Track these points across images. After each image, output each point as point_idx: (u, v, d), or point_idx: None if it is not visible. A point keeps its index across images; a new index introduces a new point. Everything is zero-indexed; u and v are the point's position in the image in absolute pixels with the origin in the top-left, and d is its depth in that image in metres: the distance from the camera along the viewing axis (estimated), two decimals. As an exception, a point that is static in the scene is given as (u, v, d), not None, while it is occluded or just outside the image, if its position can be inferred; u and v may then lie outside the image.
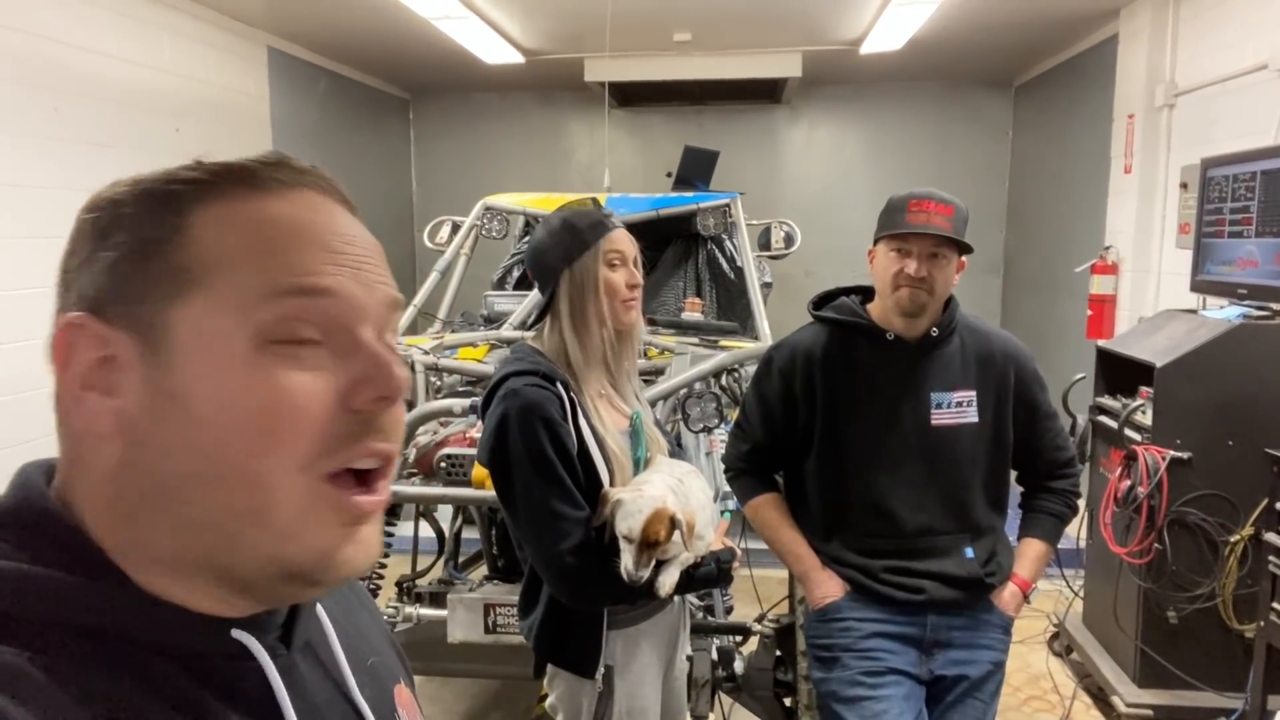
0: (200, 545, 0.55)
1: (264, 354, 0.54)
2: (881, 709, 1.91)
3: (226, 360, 0.54)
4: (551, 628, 1.73)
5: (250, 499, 0.54)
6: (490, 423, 1.66)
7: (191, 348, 0.54)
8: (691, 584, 1.72)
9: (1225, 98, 4.16)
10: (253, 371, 0.54)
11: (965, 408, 2.00)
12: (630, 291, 1.75)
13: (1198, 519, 3.11)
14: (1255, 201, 3.25)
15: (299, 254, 0.57)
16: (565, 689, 1.75)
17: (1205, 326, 3.21)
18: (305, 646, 0.65)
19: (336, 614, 0.72)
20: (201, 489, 0.54)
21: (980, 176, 7.53)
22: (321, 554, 0.56)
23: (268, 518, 0.54)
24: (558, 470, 1.61)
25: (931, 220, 1.90)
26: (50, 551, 0.53)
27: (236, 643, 0.58)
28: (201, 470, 0.54)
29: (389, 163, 7.88)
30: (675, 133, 7.71)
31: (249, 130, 5.44)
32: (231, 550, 0.55)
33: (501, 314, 3.74)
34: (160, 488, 0.54)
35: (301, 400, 0.55)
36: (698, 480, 1.76)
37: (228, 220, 0.56)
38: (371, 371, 0.57)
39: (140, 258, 0.55)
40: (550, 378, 1.66)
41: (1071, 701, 3.51)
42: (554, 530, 1.61)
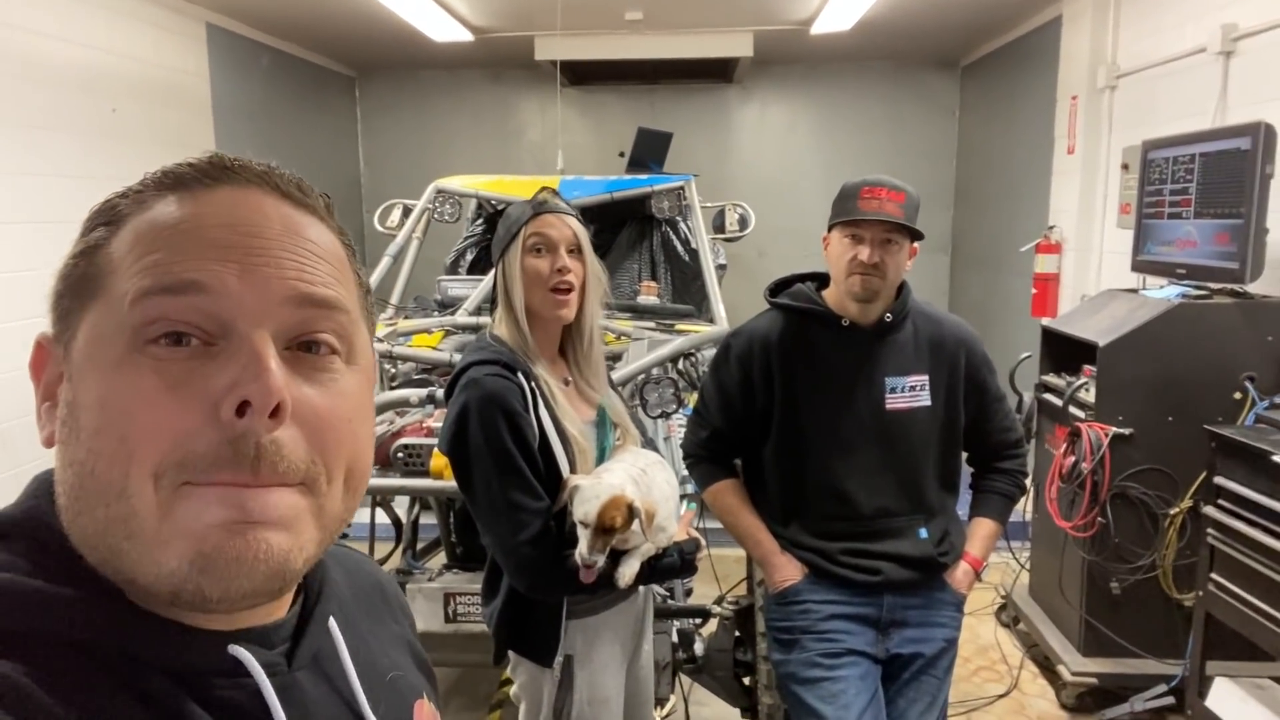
0: (102, 559, 0.53)
1: (135, 357, 0.52)
2: (839, 689, 1.95)
3: (104, 365, 0.53)
4: (511, 615, 1.74)
5: (112, 507, 0.51)
6: (451, 412, 1.66)
7: (84, 354, 0.54)
8: (654, 575, 1.74)
9: (1166, 80, 4.25)
10: (119, 375, 0.52)
11: (918, 392, 2.04)
12: (557, 276, 1.69)
13: (1139, 493, 3.22)
14: (1194, 183, 3.34)
15: (176, 251, 0.54)
16: (527, 677, 1.77)
17: (1146, 306, 3.30)
18: (313, 662, 0.63)
19: (358, 627, 0.70)
20: (84, 500, 0.52)
21: (928, 156, 7.63)
22: (197, 555, 0.51)
23: (133, 527, 0.51)
24: (517, 461, 1.61)
25: (884, 207, 1.92)
26: (51, 565, 0.53)
27: (233, 658, 0.56)
28: (80, 481, 0.52)
29: (335, 142, 7.72)
30: (628, 112, 7.67)
31: (189, 110, 5.28)
32: (122, 562, 0.52)
33: (455, 299, 3.71)
34: (69, 499, 0.54)
35: (158, 407, 0.51)
36: (663, 471, 1.77)
37: (135, 228, 0.56)
38: (238, 376, 0.52)
39: (73, 269, 0.56)
40: (512, 367, 1.65)
41: (1019, 671, 3.62)
42: (513, 521, 1.62)
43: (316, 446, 0.55)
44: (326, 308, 0.57)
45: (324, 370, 0.57)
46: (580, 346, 1.80)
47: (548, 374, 1.72)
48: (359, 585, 0.76)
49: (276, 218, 0.58)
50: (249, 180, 0.58)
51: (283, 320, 0.55)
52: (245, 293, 0.54)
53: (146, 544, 0.51)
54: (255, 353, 0.53)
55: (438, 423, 2.53)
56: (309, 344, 0.57)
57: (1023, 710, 3.38)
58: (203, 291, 0.53)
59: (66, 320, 0.56)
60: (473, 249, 4.60)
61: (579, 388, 1.80)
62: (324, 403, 0.56)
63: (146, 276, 0.53)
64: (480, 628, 2.57)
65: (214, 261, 0.54)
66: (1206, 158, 3.28)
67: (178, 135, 5.09)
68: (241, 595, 0.53)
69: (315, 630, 0.63)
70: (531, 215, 1.71)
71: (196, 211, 0.56)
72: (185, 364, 0.52)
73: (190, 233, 0.55)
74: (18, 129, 3.90)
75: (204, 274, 0.53)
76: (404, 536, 2.96)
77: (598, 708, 1.76)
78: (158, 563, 0.51)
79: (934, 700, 2.03)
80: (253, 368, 0.52)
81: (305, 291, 0.56)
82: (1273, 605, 2.51)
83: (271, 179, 0.59)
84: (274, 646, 0.60)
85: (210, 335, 0.53)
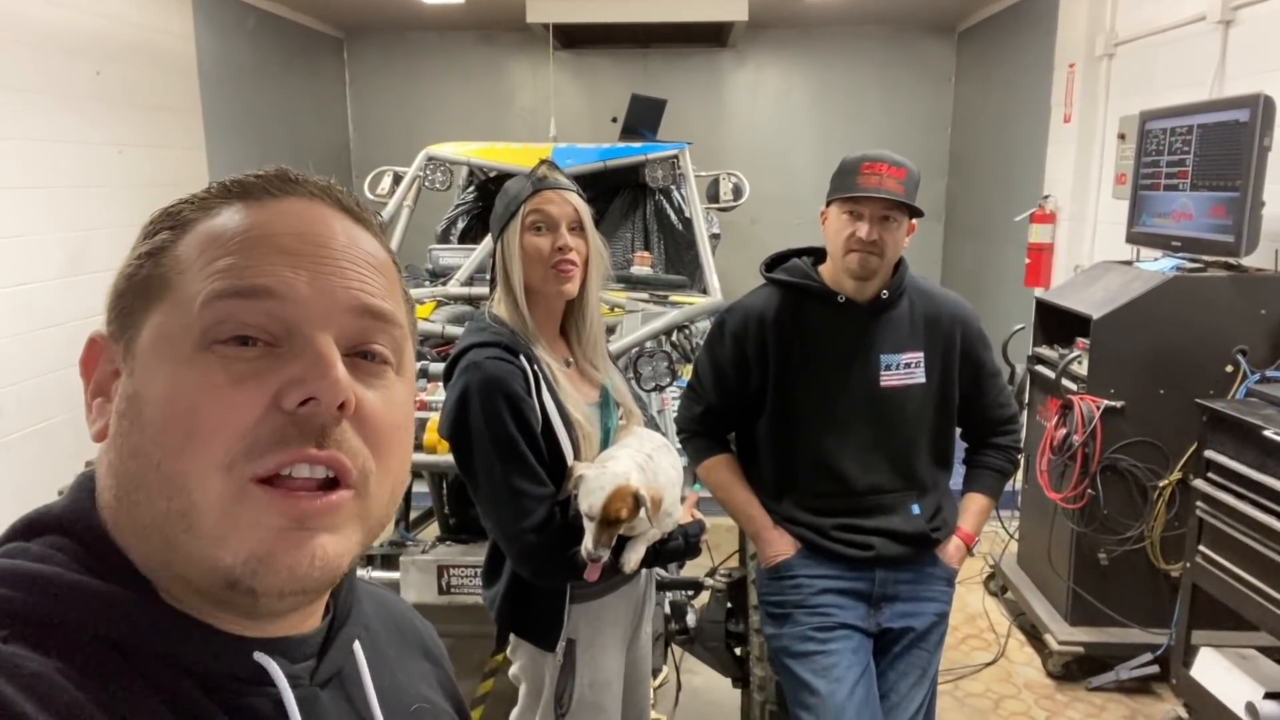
0: (154, 551, 0.55)
1: (203, 355, 0.54)
2: (831, 662, 1.96)
3: (171, 362, 0.55)
4: (514, 600, 1.73)
5: (174, 501, 0.53)
6: (451, 396, 1.63)
7: (149, 351, 0.56)
8: (659, 559, 1.73)
9: (1164, 48, 4.21)
10: (188, 371, 0.54)
11: (913, 369, 2.03)
12: (559, 255, 1.66)
13: (1129, 465, 3.24)
14: (1191, 155, 3.32)
15: (248, 256, 0.56)
16: (528, 659, 1.76)
17: (1140, 279, 3.29)
18: (335, 681, 0.64)
19: (383, 654, 0.71)
20: (143, 492, 0.54)
21: (923, 123, 7.57)
22: (252, 558, 0.53)
23: (193, 520, 0.53)
24: (519, 447, 1.59)
25: (884, 183, 1.90)
26: (90, 560, 0.55)
27: (258, 666, 0.57)
28: (141, 472, 0.54)
29: (323, 106, 7.60)
30: (620, 76, 7.57)
31: (174, 73, 5.18)
32: (175, 555, 0.54)
33: (447, 268, 3.67)
34: (124, 491, 0.55)
35: (226, 401, 0.53)
36: (669, 455, 1.74)
37: (204, 233, 0.58)
38: (307, 373, 0.54)
39: (138, 270, 0.58)
40: (513, 349, 1.62)
41: (1006, 639, 3.67)
42: (516, 508, 1.60)
43: (371, 444, 0.58)
44: (384, 320, 0.60)
45: (379, 378, 0.60)
46: (582, 325, 1.77)
47: (548, 355, 1.69)
48: (391, 619, 0.77)
49: (340, 230, 0.60)
50: (313, 194, 0.61)
51: (344, 328, 0.58)
52: (313, 299, 0.56)
53: (204, 539, 0.53)
54: (320, 353, 0.55)
55: (430, 396, 2.52)
56: (364, 353, 0.59)
57: (1009, 678, 3.43)
58: (273, 297, 0.55)
59: (128, 318, 0.57)
60: (464, 217, 4.56)
61: (581, 368, 1.78)
62: (382, 407, 0.59)
63: (219, 280, 0.55)
64: (473, 599, 2.59)
65: (284, 268, 0.56)
66: (1204, 129, 3.26)
67: (163, 98, 5.01)
68: (294, 592, 0.55)
69: (339, 649, 0.64)
70: (531, 192, 1.66)
71: (266, 219, 0.58)
72: (252, 363, 0.54)
73: (261, 239, 0.57)
74: (2, 92, 3.82)
75: (275, 280, 0.56)
76: (397, 508, 2.95)
77: (599, 690, 1.76)
78: (213, 558, 0.53)
79: (924, 673, 2.05)
80: (319, 366, 0.55)
81: (367, 303, 0.59)
82: (1258, 577, 2.54)
83: (333, 193, 0.62)
84: (298, 660, 0.60)
85: (275, 338, 0.55)
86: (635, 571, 1.68)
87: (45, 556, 0.54)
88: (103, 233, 4.46)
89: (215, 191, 0.60)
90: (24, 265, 3.97)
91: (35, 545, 0.55)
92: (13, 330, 3.91)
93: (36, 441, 4.06)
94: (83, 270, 4.30)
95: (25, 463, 3.97)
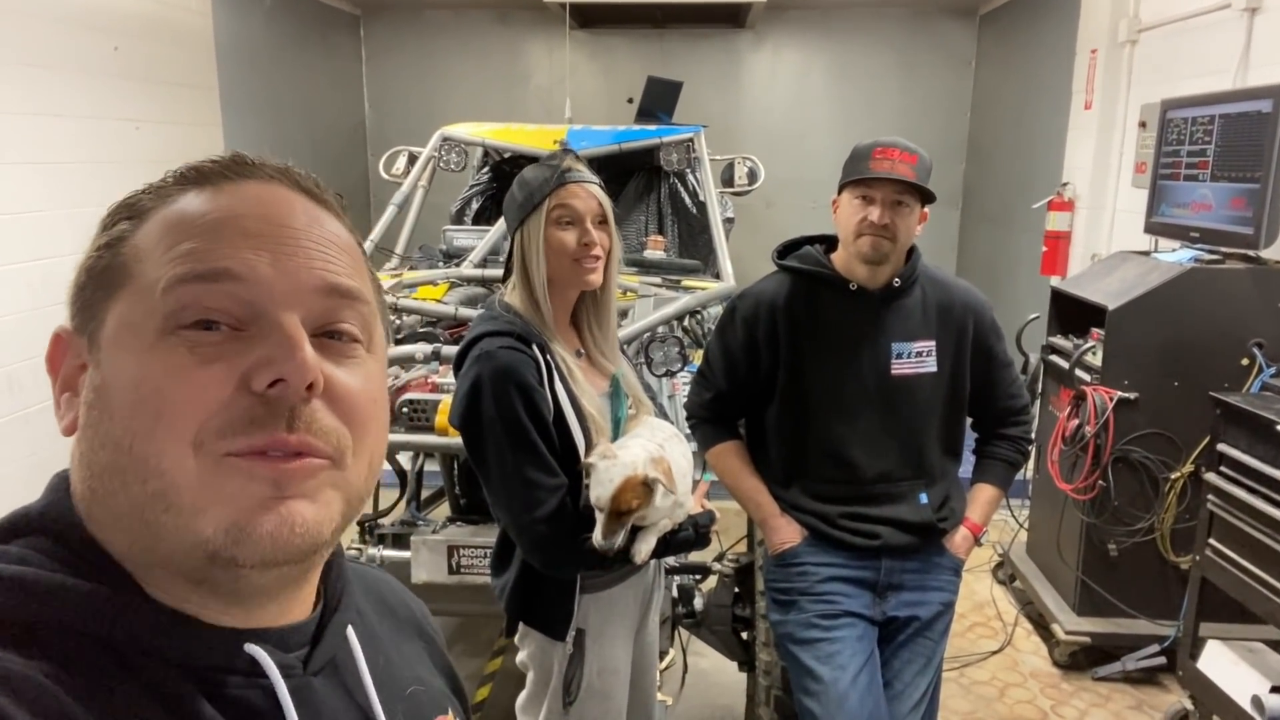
0: (135, 538, 0.54)
1: (168, 340, 0.54)
2: (835, 649, 1.97)
3: (135, 349, 0.54)
4: (524, 589, 1.73)
5: (150, 483, 0.53)
6: (463, 385, 1.62)
7: (113, 341, 0.56)
8: (669, 549, 1.73)
9: (1188, 35, 4.15)
10: (153, 356, 0.54)
11: (924, 358, 2.03)
12: (583, 250, 1.66)
13: (1141, 457, 3.23)
14: (1212, 145, 3.28)
15: (209, 240, 0.56)
16: (536, 648, 1.77)
17: (1158, 270, 3.27)
18: (330, 668, 0.64)
19: (376, 638, 0.71)
20: (118, 479, 0.54)
21: (942, 107, 7.50)
22: (233, 525, 0.53)
23: (170, 499, 0.53)
24: (531, 437, 1.59)
25: (895, 168, 1.89)
26: (70, 558, 0.54)
27: (249, 657, 0.57)
28: (115, 460, 0.54)
29: (340, 83, 7.59)
30: (637, 57, 7.53)
31: (192, 49, 5.19)
32: (156, 539, 0.53)
33: (461, 249, 3.68)
34: (98, 481, 0.55)
35: (193, 381, 0.53)
36: (680, 445, 1.74)
37: (163, 219, 0.57)
38: (274, 353, 0.54)
39: (97, 261, 0.58)
40: (526, 339, 1.62)
41: (1013, 628, 3.67)
42: (527, 498, 1.60)
43: (346, 421, 0.58)
44: (350, 298, 0.59)
45: (349, 356, 0.60)
46: (596, 317, 1.76)
47: (560, 345, 1.69)
48: (382, 601, 0.77)
49: (301, 210, 0.60)
50: (270, 176, 0.60)
51: (311, 308, 0.57)
52: (277, 280, 0.56)
53: (184, 514, 0.53)
54: (288, 334, 0.55)
55: (443, 378, 2.53)
56: (332, 333, 0.59)
57: (1016, 667, 3.43)
58: (236, 279, 0.55)
59: (90, 310, 0.57)
60: (478, 198, 4.55)
61: (592, 358, 1.77)
62: (354, 383, 0.59)
63: (180, 264, 0.55)
64: (483, 579, 2.60)
65: (246, 250, 0.56)
66: (1226, 119, 3.22)
67: (180, 75, 5.02)
68: (275, 565, 0.55)
69: (332, 636, 0.64)
70: (556, 185, 1.65)
71: (225, 203, 0.58)
72: (218, 346, 0.54)
73: (222, 222, 0.56)
74: (19, 67, 3.84)
75: (236, 262, 0.55)
76: (408, 488, 2.98)
77: (607, 678, 1.76)
78: (194, 531, 0.53)
79: (929, 662, 2.06)
80: (286, 346, 0.54)
81: (332, 281, 0.58)
82: (1268, 571, 2.53)
83: (291, 175, 0.61)
84: (291, 649, 0.60)
85: (240, 322, 0.55)
86: (645, 562, 1.69)
87: (24, 559, 0.53)
88: (120, 209, 4.48)
89: (172, 179, 0.60)
90: (41, 240, 4.00)
91: (14, 548, 0.54)
92: (30, 305, 3.95)
93: (53, 415, 4.09)
94: (100, 246, 4.32)
95: (42, 435, 4.02)
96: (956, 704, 3.16)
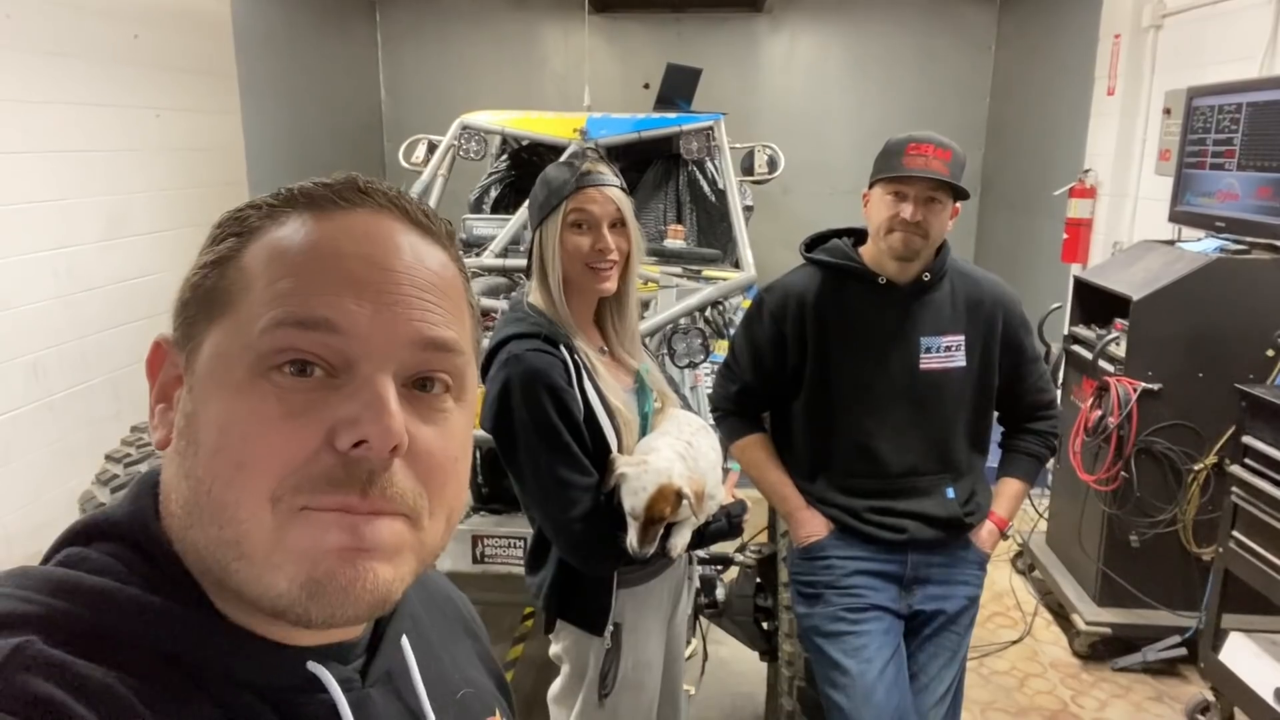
0: (209, 570, 0.55)
1: (259, 382, 0.54)
2: (862, 643, 1.98)
3: (227, 385, 0.54)
4: (562, 587, 1.75)
5: (225, 529, 0.53)
6: (492, 389, 1.63)
7: (208, 369, 0.56)
8: (703, 541, 1.74)
9: (1214, 21, 4.10)
10: (242, 398, 0.54)
11: (953, 352, 2.02)
12: (598, 255, 1.66)
13: (1164, 448, 3.21)
14: (1239, 134, 3.25)
15: (312, 281, 0.55)
16: (571, 641, 1.79)
17: (1183, 260, 3.24)
18: (385, 679, 0.65)
19: (429, 642, 0.72)
20: (195, 515, 0.54)
21: (961, 92, 7.43)
22: (310, 581, 0.53)
23: (245, 548, 0.53)
24: (564, 437, 1.60)
25: (929, 165, 1.88)
26: (148, 570, 0.55)
27: (311, 675, 0.58)
28: (194, 497, 0.54)
29: (356, 69, 7.59)
30: (653, 41, 7.49)
31: (210, 36, 5.19)
32: (230, 579, 0.54)
33: (481, 238, 3.68)
34: (179, 509, 0.55)
35: (278, 433, 0.53)
36: (708, 438, 1.74)
37: (269, 246, 0.57)
38: (362, 414, 0.53)
39: (203, 280, 0.58)
40: (553, 340, 1.63)
41: (1033, 618, 3.68)
42: (562, 499, 1.61)
43: (425, 482, 0.57)
44: (446, 350, 0.59)
45: (437, 410, 0.59)
46: (618, 315, 1.77)
47: (585, 344, 1.70)
48: (432, 601, 0.77)
49: (407, 247, 0.59)
50: (380, 205, 0.59)
51: (404, 361, 0.57)
52: (374, 334, 0.55)
53: (257, 566, 0.53)
54: (377, 394, 0.54)
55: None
56: (424, 381, 0.58)
57: (1035, 657, 3.44)
58: (333, 330, 0.54)
59: (191, 329, 0.57)
60: (497, 186, 4.55)
61: (616, 355, 1.78)
62: (436, 442, 0.58)
63: (279, 306, 0.54)
64: (506, 569, 2.63)
65: (348, 298, 0.55)
66: (1254, 108, 3.18)
67: (199, 62, 5.02)
68: (344, 620, 0.55)
69: (388, 648, 0.65)
70: (575, 189, 1.65)
71: (331, 236, 0.57)
72: (307, 395, 0.54)
73: (325, 260, 0.56)
74: (38, 55, 3.85)
75: (336, 311, 0.54)
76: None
77: (641, 671, 1.78)
78: (267, 584, 0.53)
79: (954, 655, 2.07)
80: (375, 407, 0.54)
81: (429, 335, 0.57)
82: (1293, 565, 2.52)
83: (401, 203, 0.61)
84: (349, 662, 0.62)
85: (333, 368, 0.55)
86: (681, 555, 1.70)
87: (104, 567, 0.54)
88: (141, 196, 4.51)
89: (283, 198, 0.59)
90: (64, 228, 4.02)
91: (95, 553, 0.55)
92: (54, 292, 3.98)
93: (78, 402, 4.14)
94: (121, 234, 4.35)
95: (66, 422, 4.06)
96: (976, 694, 3.17)
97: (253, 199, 0.60)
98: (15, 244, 3.76)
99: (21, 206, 3.80)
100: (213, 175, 5.08)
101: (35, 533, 3.85)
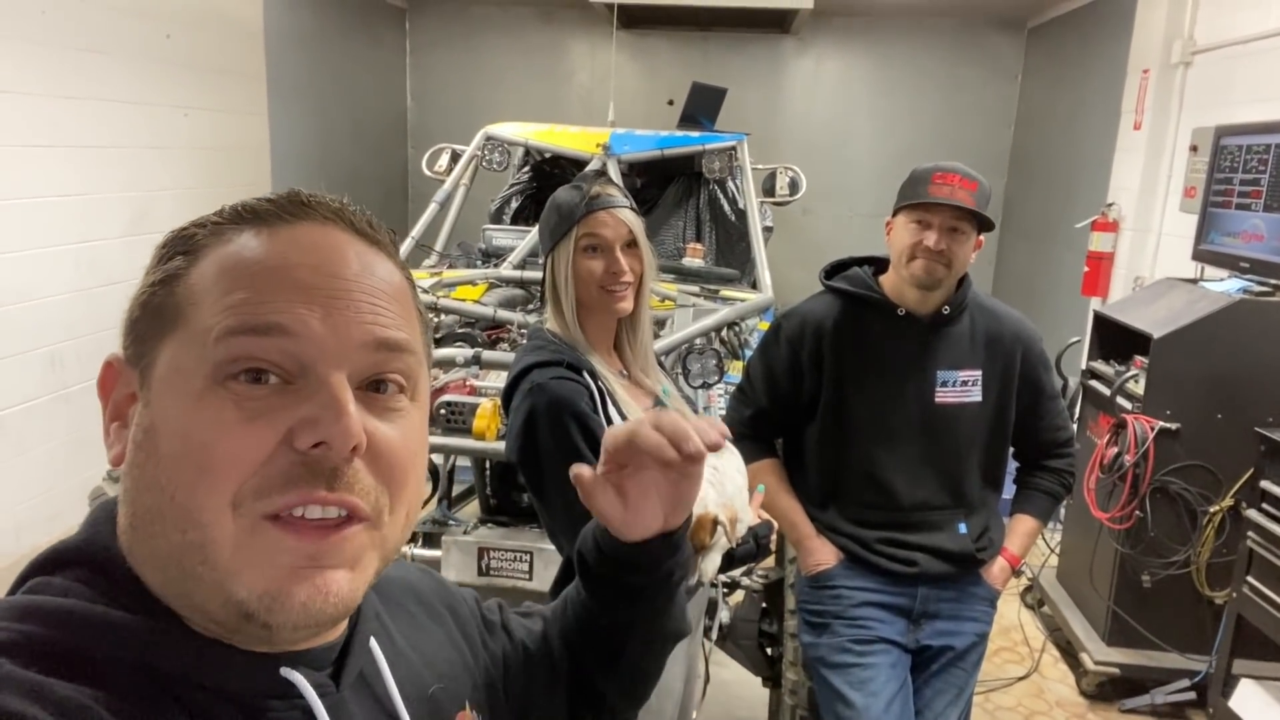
0: (171, 581, 0.56)
1: (216, 390, 0.54)
2: (868, 676, 1.96)
3: (184, 396, 0.55)
4: None
5: (190, 533, 0.53)
6: (517, 420, 1.60)
7: (164, 383, 0.56)
8: (733, 563, 1.71)
9: (1244, 59, 4.08)
10: (200, 407, 0.54)
11: (970, 387, 2.00)
12: (611, 278, 1.64)
13: (1180, 488, 3.17)
14: (1267, 175, 3.23)
15: (262, 291, 0.56)
16: None
17: (1206, 299, 3.21)
18: (358, 681, 0.65)
19: (396, 642, 0.72)
20: (159, 524, 0.55)
21: (986, 119, 7.42)
22: (265, 594, 0.54)
23: (209, 553, 0.53)
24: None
25: (955, 194, 1.87)
26: (111, 590, 0.56)
27: (285, 681, 0.58)
28: (157, 504, 0.55)
29: (383, 75, 7.65)
30: (679, 59, 7.52)
31: (241, 38, 5.24)
32: (193, 586, 0.54)
33: (500, 249, 3.69)
34: (140, 522, 0.56)
35: (237, 437, 0.53)
36: (734, 458, 1.72)
37: (218, 261, 0.58)
38: (320, 415, 0.54)
39: (151, 297, 0.58)
40: (576, 367, 1.61)
41: (1040, 654, 3.63)
42: None
43: (384, 479, 0.58)
44: (397, 350, 0.60)
45: (393, 409, 0.60)
46: (634, 338, 1.76)
47: (605, 369, 1.69)
48: (390, 596, 0.77)
49: (353, 255, 0.60)
50: (326, 217, 0.61)
51: (358, 363, 0.58)
52: (326, 336, 0.56)
53: (219, 572, 0.54)
54: (334, 395, 0.55)
55: (482, 382, 2.54)
56: (378, 383, 0.60)
57: (1041, 694, 3.40)
58: (286, 334, 0.55)
59: (143, 345, 0.58)
60: (518, 197, 4.56)
61: (635, 378, 1.77)
62: (395, 441, 0.59)
63: (232, 315, 0.55)
64: (512, 582, 2.61)
65: (299, 304, 0.56)
66: (1283, 149, 3.16)
67: (229, 63, 5.07)
68: (305, 629, 0.56)
69: (359, 651, 0.66)
70: (585, 213, 1.64)
71: (279, 249, 0.58)
72: (265, 400, 0.55)
73: (275, 271, 0.57)
74: (71, 51, 3.90)
75: (288, 317, 0.55)
76: (439, 486, 2.99)
77: (662, 696, 1.76)
78: (227, 591, 0.54)
79: (961, 692, 2.05)
80: (333, 408, 0.55)
81: (380, 336, 0.59)
82: (1309, 615, 2.49)
83: (346, 215, 0.62)
84: (322, 667, 0.62)
85: (289, 374, 0.56)
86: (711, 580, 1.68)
87: (68, 590, 0.55)
88: (167, 193, 4.54)
89: (228, 216, 0.60)
90: (89, 222, 4.06)
91: (58, 579, 0.56)
92: (76, 286, 4.02)
93: (93, 395, 4.12)
94: (145, 230, 4.39)
95: (83, 414, 4.08)
96: (980, 729, 3.14)
97: (197, 218, 0.61)
98: (39, 236, 3.80)
99: (47, 200, 3.84)
100: (238, 175, 5.12)
101: (47, 523, 3.87)
